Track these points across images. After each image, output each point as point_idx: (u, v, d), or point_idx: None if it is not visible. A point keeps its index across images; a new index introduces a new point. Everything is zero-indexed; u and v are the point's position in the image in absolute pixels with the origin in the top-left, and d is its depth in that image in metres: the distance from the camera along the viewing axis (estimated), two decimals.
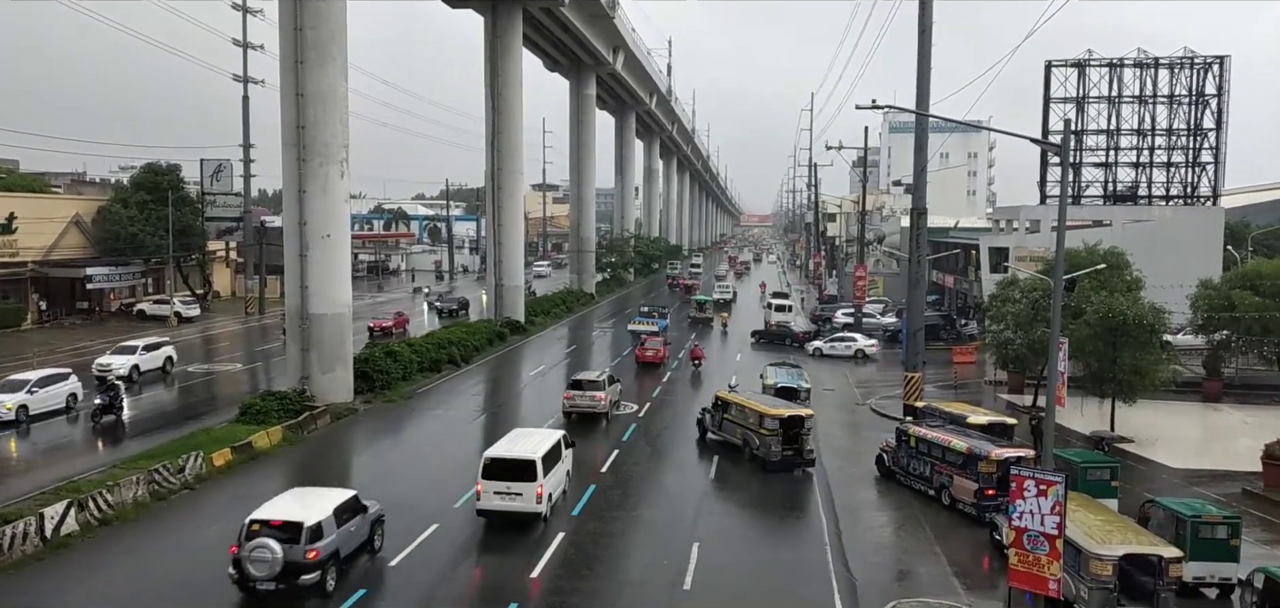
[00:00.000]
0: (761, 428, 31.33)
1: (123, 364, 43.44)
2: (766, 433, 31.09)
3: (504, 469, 24.47)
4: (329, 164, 37.99)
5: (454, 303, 74.27)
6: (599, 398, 37.74)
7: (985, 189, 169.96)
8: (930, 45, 36.05)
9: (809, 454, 31.18)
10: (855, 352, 57.14)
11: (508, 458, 24.72)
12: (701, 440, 35.05)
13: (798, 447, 31.06)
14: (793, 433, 31.08)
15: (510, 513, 24.47)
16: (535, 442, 26.01)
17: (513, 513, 24.46)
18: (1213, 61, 60.63)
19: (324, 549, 19.85)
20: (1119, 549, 19.16)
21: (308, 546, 19.52)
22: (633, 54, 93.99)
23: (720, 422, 34.12)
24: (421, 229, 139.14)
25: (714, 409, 34.77)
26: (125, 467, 27.29)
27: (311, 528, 19.73)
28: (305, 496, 21.93)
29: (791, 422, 31.13)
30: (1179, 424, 39.22)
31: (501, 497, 24.34)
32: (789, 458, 30.93)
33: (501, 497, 24.34)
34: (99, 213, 67.97)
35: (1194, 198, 61.83)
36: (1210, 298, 42.70)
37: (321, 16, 37.35)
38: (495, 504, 24.41)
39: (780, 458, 30.83)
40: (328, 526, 20.19)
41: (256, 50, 67.98)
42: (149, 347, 46.04)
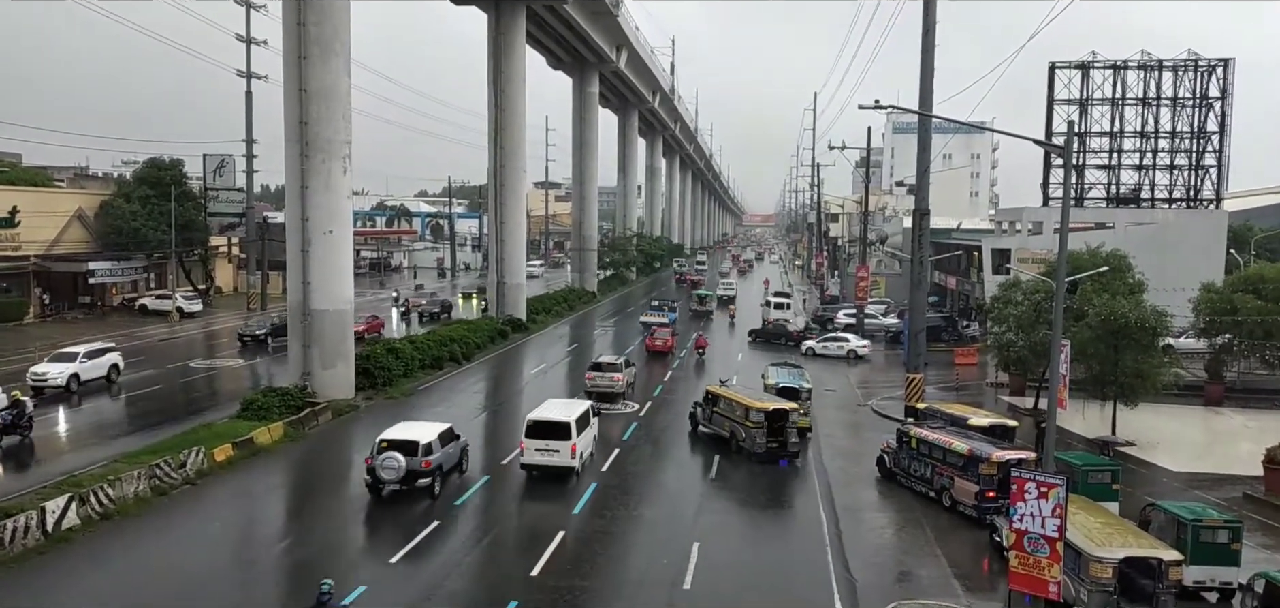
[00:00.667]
0: (747, 421, 32.55)
1: (60, 373, 39.44)
2: (752, 426, 32.35)
3: (543, 430, 28.57)
4: (331, 160, 38.01)
5: (437, 306, 69.89)
6: (617, 379, 41.18)
7: (988, 190, 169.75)
8: (934, 45, 36.04)
9: (793, 446, 32.29)
10: (847, 352, 57.40)
11: (546, 420, 28.83)
12: (693, 433, 35.95)
13: (782, 439, 32.27)
14: (777, 426, 32.32)
15: (549, 467, 28.56)
16: (569, 408, 30.33)
17: (551, 467, 28.56)
18: (1216, 64, 60.53)
19: (433, 462, 26.46)
20: (1119, 552, 19.15)
21: (422, 458, 26.15)
22: (636, 52, 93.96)
23: (710, 415, 35.17)
24: (424, 226, 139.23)
25: (705, 403, 35.83)
26: (127, 461, 27.33)
27: (425, 445, 26.38)
28: (418, 425, 28.26)
29: (776, 415, 32.41)
30: (1180, 428, 39.18)
31: (541, 453, 28.55)
32: (773, 450, 32.14)
33: (541, 453, 28.55)
34: (102, 207, 68.06)
35: (1197, 201, 61.75)
36: (1212, 301, 42.62)
37: (325, 12, 37.37)
38: (536, 459, 28.62)
39: (764, 449, 32.03)
40: (435, 445, 26.90)
41: (260, 46, 68.03)
42: (91, 354, 41.60)
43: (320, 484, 29.42)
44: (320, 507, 26.65)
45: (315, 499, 27.69)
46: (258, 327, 56.02)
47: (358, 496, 26.88)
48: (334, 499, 27.44)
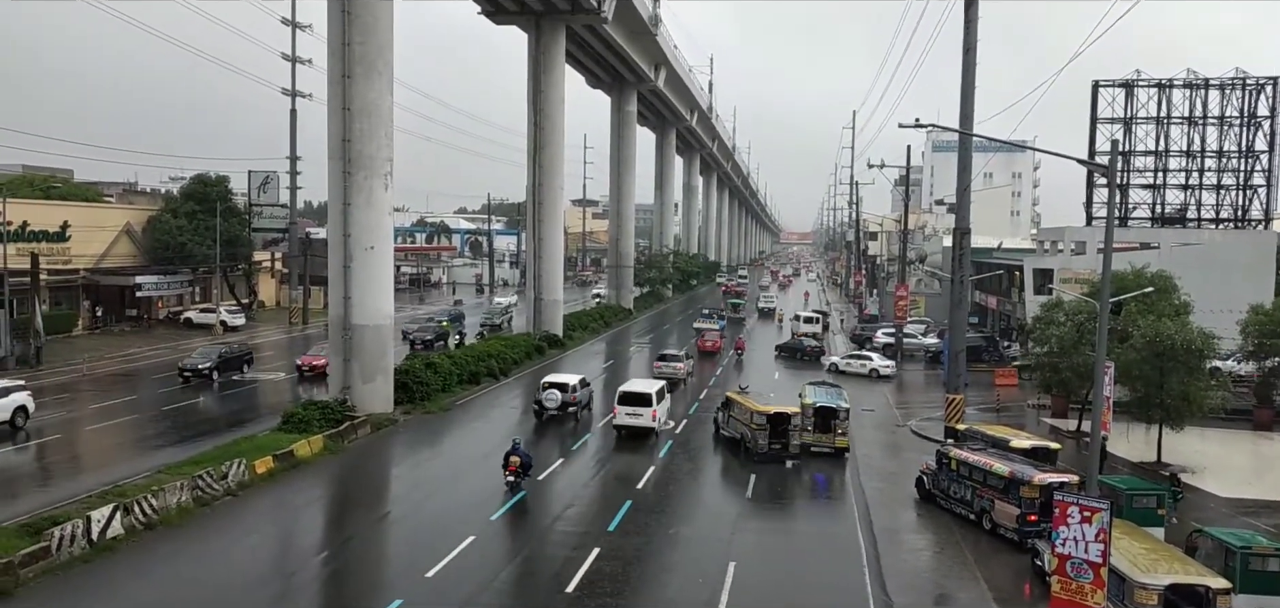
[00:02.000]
0: (752, 423, 34.85)
1: None
2: (756, 427, 34.66)
3: (631, 398, 37.37)
4: (373, 177, 38.50)
5: (429, 333, 60.96)
6: (679, 367, 51.53)
7: (1029, 209, 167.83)
8: (975, 64, 35.74)
9: (793, 448, 34.58)
10: (869, 370, 57.14)
11: (633, 392, 37.79)
12: (716, 437, 38.33)
13: (784, 441, 34.60)
14: (779, 428, 34.69)
15: (635, 427, 37.29)
16: (649, 384, 39.27)
17: (637, 427, 37.28)
18: (1265, 82, 59.55)
19: (578, 398, 40.16)
20: (1165, 579, 18.78)
21: (569, 395, 39.51)
22: (674, 71, 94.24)
23: (727, 420, 37.70)
24: (463, 243, 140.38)
25: (723, 409, 38.61)
26: (170, 472, 27.76)
27: (572, 385, 40.01)
28: (565, 375, 42.23)
29: (778, 418, 34.77)
30: (1228, 452, 38.36)
31: (630, 416, 37.12)
32: (775, 450, 34.54)
33: (630, 416, 37.12)
34: (149, 222, 69.43)
35: (1245, 221, 60.64)
36: (1261, 323, 41.74)
37: (369, 32, 37.92)
38: (625, 421, 37.22)
39: (767, 449, 34.43)
40: (578, 386, 40.53)
41: (305, 65, 69.21)
42: None
43: (360, 497, 29.70)
44: (359, 520, 26.91)
45: (355, 512, 27.97)
46: (202, 360, 47.37)
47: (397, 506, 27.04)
48: (375, 510, 27.72)
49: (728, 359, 63.04)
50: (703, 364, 59.66)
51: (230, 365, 48.63)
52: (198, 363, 47.29)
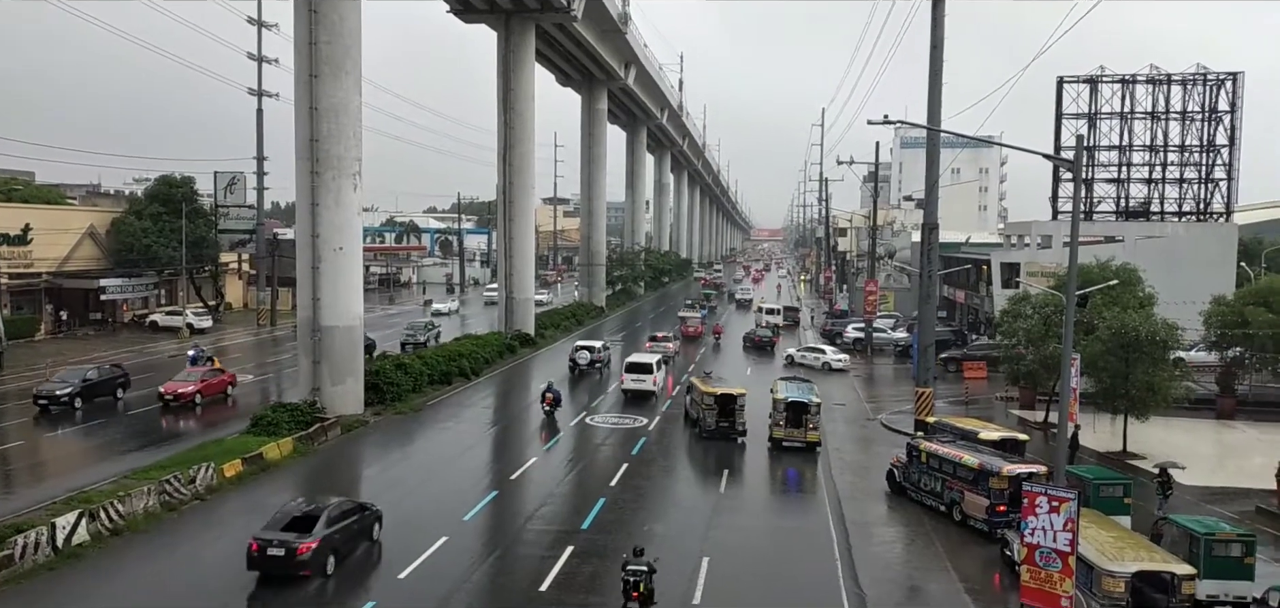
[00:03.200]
0: (702, 404, 37.57)
1: None
2: (705, 408, 37.29)
3: (636, 368, 46.37)
4: (342, 177, 38.20)
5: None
6: (670, 346, 59.72)
7: (996, 204, 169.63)
8: (942, 61, 36.05)
9: (740, 426, 36.79)
10: (822, 364, 57.93)
11: (638, 362, 46.87)
12: (685, 421, 40.55)
13: (731, 421, 36.93)
14: (727, 409, 37.07)
15: (639, 390, 45.77)
16: (650, 356, 48.54)
17: (640, 390, 45.75)
18: (1225, 78, 60.50)
19: (602, 357, 53.73)
20: (1131, 567, 19.06)
21: (596, 355, 53.08)
22: (644, 69, 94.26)
23: (690, 402, 40.65)
24: (433, 242, 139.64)
25: (687, 391, 42.56)
26: (136, 477, 27.45)
27: (598, 348, 53.94)
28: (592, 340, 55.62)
29: (725, 399, 37.23)
30: (1192, 442, 38.95)
31: (635, 381, 45.88)
32: (723, 429, 36.93)
33: (635, 381, 45.88)
34: (113, 224, 68.49)
35: (1207, 214, 61.61)
36: (1223, 315, 42.48)
37: (336, 32, 37.63)
38: (630, 385, 45.96)
39: (714, 427, 36.97)
40: (602, 349, 54.36)
41: (271, 64, 68.53)
42: None
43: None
44: None
45: None
46: (60, 385, 39.80)
47: None
48: None
49: (708, 344, 70.79)
50: (686, 348, 66.85)
51: (99, 391, 40.95)
52: (56, 389, 39.37)
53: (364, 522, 23.82)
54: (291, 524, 21.87)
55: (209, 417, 39.40)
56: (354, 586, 21.46)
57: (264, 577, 21.32)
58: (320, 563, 21.48)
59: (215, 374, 43.43)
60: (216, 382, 42.92)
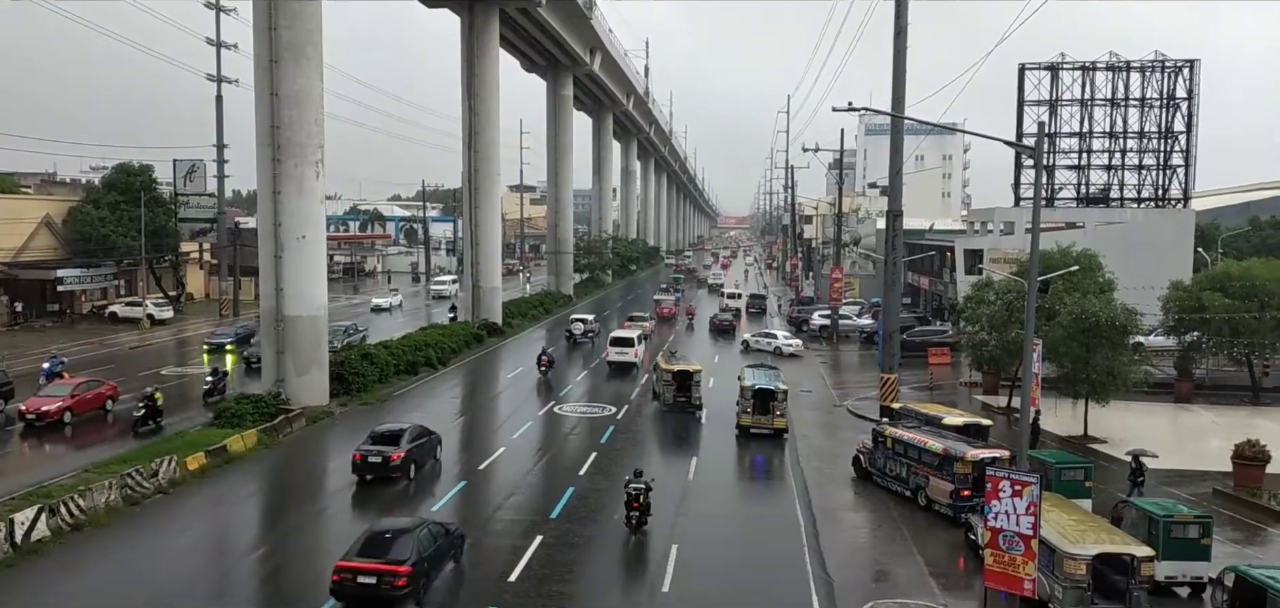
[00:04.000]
0: (663, 380, 40.65)
1: None
2: (665, 384, 40.31)
3: (619, 342, 51.63)
4: (304, 165, 37.75)
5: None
6: (646, 326, 64.59)
7: (960, 191, 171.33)
8: (905, 48, 36.27)
9: (697, 401, 39.44)
10: (774, 348, 58.82)
11: (621, 337, 52.18)
12: (653, 395, 42.25)
13: (687, 396, 39.66)
14: (684, 384, 39.83)
15: (621, 362, 50.49)
16: (632, 331, 54.16)
17: (622, 361, 50.55)
18: (1183, 65, 61.40)
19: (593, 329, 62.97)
20: (1092, 549, 19.35)
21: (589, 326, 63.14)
22: (610, 55, 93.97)
23: (656, 379, 42.74)
24: (397, 230, 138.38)
25: (654, 370, 44.91)
26: (97, 471, 26.99)
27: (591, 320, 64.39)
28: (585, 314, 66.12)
29: (682, 375, 40.07)
30: (1151, 425, 39.63)
31: (618, 354, 50.77)
32: (680, 403, 39.66)
33: (618, 354, 50.77)
34: (70, 214, 67.24)
35: (1165, 200, 62.60)
36: (1181, 299, 43.23)
37: (297, 16, 37.11)
38: (614, 357, 50.85)
39: (672, 402, 39.80)
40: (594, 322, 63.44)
41: (230, 49, 67.55)
42: None
43: (297, 491, 29.20)
44: (296, 514, 26.47)
45: (291, 507, 27.50)
46: None
47: (334, 502, 26.95)
48: (312, 505, 27.31)
49: (682, 324, 75.88)
50: (661, 327, 71.84)
51: None
52: None
53: (431, 442, 30.92)
54: (382, 439, 28.70)
55: (83, 438, 33.57)
56: (426, 489, 28.23)
57: (363, 480, 28.31)
58: (406, 468, 28.55)
59: (89, 387, 36.88)
60: (92, 396, 36.51)
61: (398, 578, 18.87)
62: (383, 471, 28.01)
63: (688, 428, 37.51)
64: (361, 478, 28.20)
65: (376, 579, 18.87)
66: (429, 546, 20.25)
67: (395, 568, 18.94)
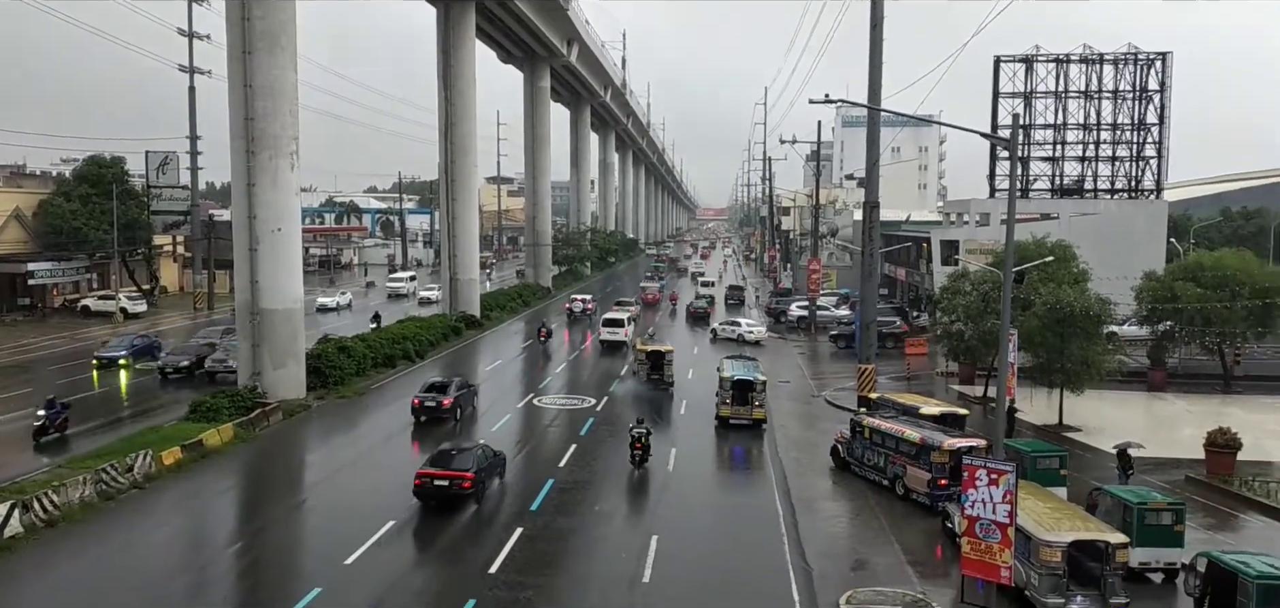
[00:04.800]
0: (638, 360, 45.40)
1: None
2: (640, 363, 44.71)
3: (611, 322, 56.20)
4: (279, 157, 37.42)
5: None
6: (633, 310, 67.52)
7: (936, 182, 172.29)
8: (882, 40, 36.42)
9: (668, 379, 43.06)
10: (737, 335, 60.07)
11: (612, 319, 56.87)
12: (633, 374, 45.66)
13: (660, 374, 43.23)
14: (656, 363, 43.62)
15: (614, 341, 54.42)
16: (623, 313, 58.45)
17: (615, 341, 54.42)
18: (1155, 58, 62.00)
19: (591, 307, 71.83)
20: (1068, 536, 19.54)
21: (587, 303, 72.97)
22: (587, 46, 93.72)
23: (632, 359, 47.63)
24: (374, 223, 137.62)
25: (631, 349, 50.46)
26: (71, 466, 26.69)
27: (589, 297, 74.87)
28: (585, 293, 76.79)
29: (654, 355, 44.07)
30: (1125, 414, 40.06)
31: (609, 333, 55.19)
32: (653, 380, 43.31)
33: (609, 333, 55.19)
34: (40, 206, 66.31)
35: (1138, 192, 63.23)
36: (1154, 290, 43.71)
37: (270, 6, 36.75)
38: (606, 336, 55.07)
39: (646, 379, 43.68)
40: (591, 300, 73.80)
41: (203, 40, 66.69)
42: None
43: (274, 485, 29.01)
44: (272, 509, 26.31)
45: (268, 501, 27.33)
46: None
47: (312, 495, 26.59)
48: (289, 498, 27.13)
49: (665, 309, 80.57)
50: (646, 313, 75.87)
51: None
52: None
53: (472, 391, 38.80)
54: (434, 389, 36.16)
55: None
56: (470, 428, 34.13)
57: (418, 421, 35.36)
58: (454, 411, 35.83)
59: None
60: None
61: (464, 482, 24.97)
62: (436, 413, 35.46)
63: (667, 419, 37.53)
64: (418, 419, 35.40)
65: (449, 483, 24.86)
66: (484, 461, 26.42)
67: (462, 474, 24.96)
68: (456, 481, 24.79)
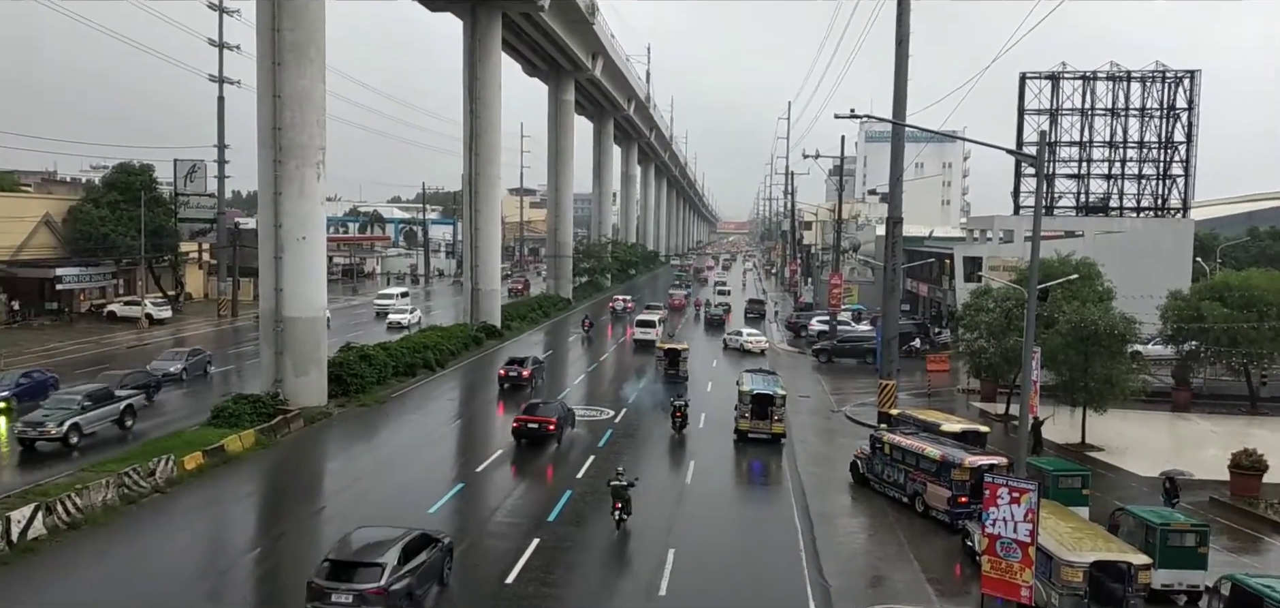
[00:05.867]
0: (659, 356, 52.12)
1: None
2: (659, 359, 51.69)
3: (643, 323, 64.57)
4: (305, 166, 37.77)
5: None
6: (660, 314, 73.29)
7: (959, 198, 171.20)
8: (907, 55, 36.29)
9: (683, 373, 49.33)
10: (739, 345, 62.43)
11: (644, 320, 65.14)
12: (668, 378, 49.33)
13: (676, 368, 49.53)
14: (673, 359, 49.96)
15: (645, 339, 61.95)
16: (654, 315, 67.02)
17: (646, 339, 61.83)
18: (1183, 75, 61.43)
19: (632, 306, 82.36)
20: (1089, 556, 19.37)
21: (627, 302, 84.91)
22: (611, 60, 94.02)
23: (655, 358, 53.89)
24: (397, 233, 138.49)
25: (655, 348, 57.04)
26: (94, 470, 26.96)
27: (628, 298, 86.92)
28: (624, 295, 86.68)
29: (671, 352, 50.53)
30: (1148, 433, 39.68)
31: (642, 333, 62.87)
32: (670, 374, 49.22)
33: (642, 333, 62.87)
34: (70, 212, 67.18)
35: (1164, 210, 62.61)
36: (1179, 309, 43.25)
37: (300, 18, 37.15)
38: (639, 335, 62.87)
39: (665, 372, 49.56)
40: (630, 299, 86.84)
41: (233, 51, 67.53)
42: None
43: (293, 492, 29.19)
44: (292, 515, 26.48)
45: (289, 507, 27.51)
46: None
47: (332, 502, 26.87)
48: (310, 505, 27.30)
49: (691, 313, 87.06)
50: (672, 316, 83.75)
51: None
52: None
53: (543, 365, 49.39)
54: (516, 363, 46.15)
55: None
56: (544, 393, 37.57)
57: (502, 388, 45.00)
58: (532, 380, 45.55)
59: None
60: None
61: (550, 425, 33.90)
62: (518, 382, 45.01)
63: (687, 433, 37.43)
64: (502, 386, 45.13)
65: (538, 426, 33.86)
66: (562, 411, 35.54)
67: (547, 420, 33.96)
68: (544, 424, 33.86)
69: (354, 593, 17.79)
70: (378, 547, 18.93)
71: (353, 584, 17.89)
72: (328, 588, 17.94)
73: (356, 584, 17.88)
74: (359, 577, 18.02)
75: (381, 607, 17.85)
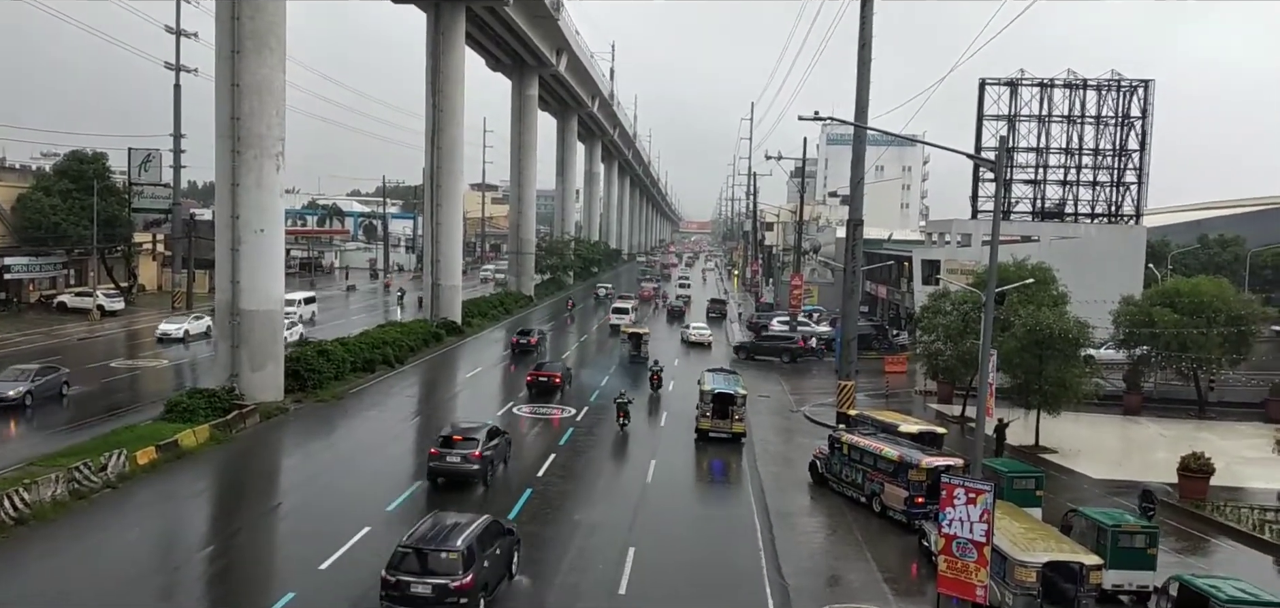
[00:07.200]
0: (624, 339, 59.16)
1: None
2: (624, 341, 58.72)
3: (619, 310, 73.51)
4: (264, 157, 37.25)
5: None
6: (633, 301, 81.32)
7: (919, 202, 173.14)
8: (869, 59, 36.61)
9: (645, 354, 55.31)
10: (706, 341, 65.14)
11: (620, 306, 74.52)
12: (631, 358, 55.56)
13: (638, 349, 56.21)
14: (636, 343, 56.91)
15: (618, 325, 68.25)
16: (628, 303, 76.37)
17: (621, 323, 68.03)
18: (1138, 84, 62.57)
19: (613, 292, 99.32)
20: (1042, 557, 19.68)
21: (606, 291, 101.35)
22: (576, 56, 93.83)
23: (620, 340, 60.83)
24: (356, 226, 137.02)
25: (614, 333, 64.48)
26: (43, 464, 26.41)
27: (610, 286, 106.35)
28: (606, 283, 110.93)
29: (634, 336, 57.87)
30: (1100, 436, 40.38)
31: (617, 318, 70.71)
32: (633, 356, 55.60)
33: (617, 318, 70.71)
34: (19, 200, 65.67)
35: (1118, 216, 63.77)
36: (1131, 314, 44.08)
37: (259, 7, 36.63)
38: (614, 321, 70.58)
39: (630, 356, 55.63)
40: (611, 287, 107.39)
41: (190, 38, 66.40)
42: None
43: (249, 488, 28.79)
44: (248, 512, 26.11)
45: (243, 504, 27.12)
46: None
47: (288, 498, 26.41)
48: (264, 502, 26.94)
49: (656, 304, 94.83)
50: (642, 305, 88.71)
51: None
52: None
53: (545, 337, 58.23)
54: (525, 332, 56.98)
55: None
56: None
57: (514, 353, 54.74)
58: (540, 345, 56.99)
59: None
60: None
61: (556, 377, 43.31)
62: (527, 349, 54.34)
63: (647, 430, 37.51)
64: (513, 351, 54.52)
65: (548, 379, 43.09)
66: (564, 369, 45.05)
67: (553, 374, 43.59)
68: (551, 378, 43.23)
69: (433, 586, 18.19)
70: (454, 530, 19.39)
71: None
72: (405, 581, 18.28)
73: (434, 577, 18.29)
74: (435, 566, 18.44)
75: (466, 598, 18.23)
